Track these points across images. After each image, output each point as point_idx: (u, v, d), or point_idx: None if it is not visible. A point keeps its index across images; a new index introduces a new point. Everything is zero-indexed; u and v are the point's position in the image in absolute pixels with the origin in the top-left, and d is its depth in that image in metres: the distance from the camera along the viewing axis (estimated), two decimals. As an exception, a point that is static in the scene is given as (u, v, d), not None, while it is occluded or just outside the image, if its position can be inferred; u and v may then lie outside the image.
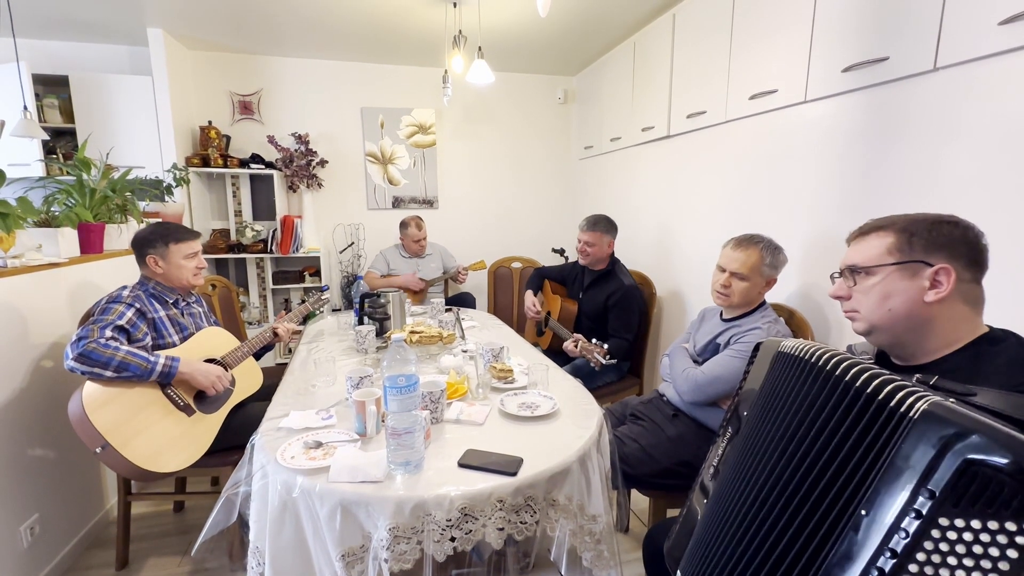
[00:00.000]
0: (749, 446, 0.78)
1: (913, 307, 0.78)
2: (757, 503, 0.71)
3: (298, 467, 1.05)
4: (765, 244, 1.53)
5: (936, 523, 0.48)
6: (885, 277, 0.81)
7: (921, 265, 0.78)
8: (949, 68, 1.29)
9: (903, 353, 0.84)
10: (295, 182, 3.35)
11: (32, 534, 1.58)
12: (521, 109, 3.82)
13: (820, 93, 1.66)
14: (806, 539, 0.62)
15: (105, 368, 1.39)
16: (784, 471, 0.68)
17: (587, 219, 2.32)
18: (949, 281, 0.75)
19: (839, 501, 0.59)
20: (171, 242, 1.65)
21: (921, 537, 0.48)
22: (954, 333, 0.78)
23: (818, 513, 0.61)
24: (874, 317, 0.83)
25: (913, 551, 0.48)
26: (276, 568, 1.03)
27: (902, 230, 0.81)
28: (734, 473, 0.79)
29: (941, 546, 0.47)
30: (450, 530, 0.98)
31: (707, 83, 2.21)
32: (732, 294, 1.55)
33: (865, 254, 0.84)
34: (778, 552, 0.65)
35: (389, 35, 2.97)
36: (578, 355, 1.91)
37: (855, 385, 0.62)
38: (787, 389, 0.74)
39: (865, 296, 0.83)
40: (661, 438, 1.55)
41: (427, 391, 1.26)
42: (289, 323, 1.93)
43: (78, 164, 2.00)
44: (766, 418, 0.76)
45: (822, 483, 0.62)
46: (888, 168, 1.47)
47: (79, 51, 3.04)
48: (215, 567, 1.73)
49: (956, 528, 0.47)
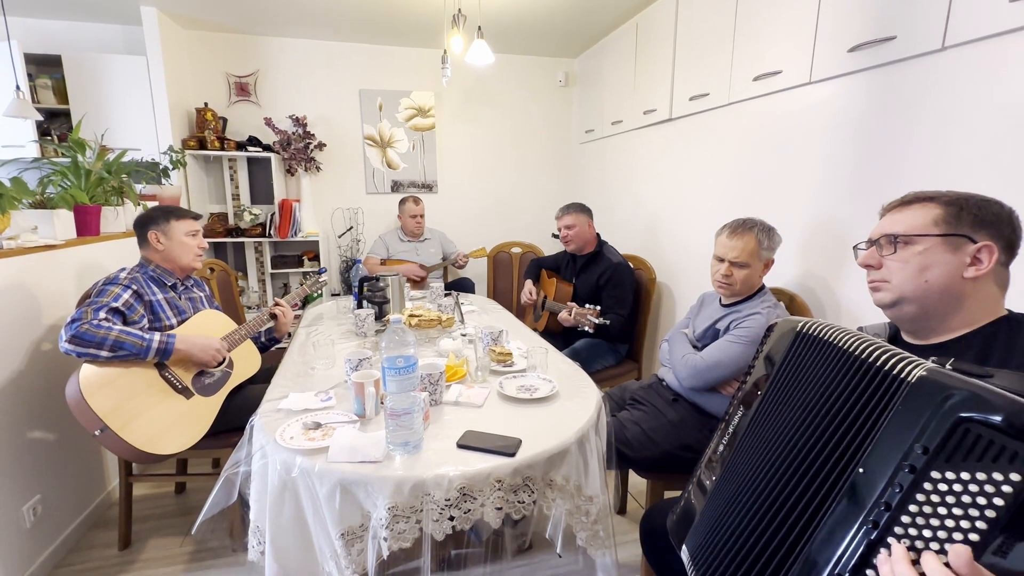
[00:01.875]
0: (766, 422, 0.78)
1: (951, 281, 0.78)
2: (773, 478, 0.71)
3: (297, 447, 1.05)
4: (760, 228, 1.53)
5: (928, 476, 0.50)
6: (928, 248, 0.80)
7: (966, 240, 0.77)
8: (958, 47, 1.26)
9: (923, 328, 0.84)
10: (293, 165, 3.32)
11: (35, 514, 1.59)
12: (521, 92, 3.77)
13: (825, 74, 1.63)
14: (814, 503, 0.63)
15: (100, 348, 1.38)
16: (798, 443, 0.69)
17: (560, 207, 2.45)
18: (991, 260, 0.76)
19: (842, 464, 0.61)
20: (173, 218, 1.66)
21: (913, 490, 0.51)
22: (980, 312, 0.79)
23: (824, 477, 0.63)
24: (908, 287, 0.82)
25: (906, 503, 0.51)
26: (276, 547, 1.04)
27: (951, 203, 0.80)
28: (750, 449, 0.79)
29: (932, 497, 0.50)
30: (449, 509, 0.99)
31: (710, 64, 2.17)
32: (734, 283, 1.53)
33: (908, 223, 0.83)
34: (789, 522, 0.66)
35: (388, 14, 2.91)
36: (573, 323, 1.94)
37: (867, 360, 0.64)
38: (805, 367, 0.74)
39: (903, 265, 0.82)
40: (662, 422, 1.55)
41: (426, 373, 1.26)
42: (286, 305, 1.91)
43: (73, 145, 1.97)
44: (784, 395, 0.76)
45: (828, 449, 0.64)
46: (894, 150, 1.45)
47: (72, 30, 2.98)
48: (216, 546, 1.75)
49: (947, 480, 0.49)
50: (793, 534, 0.64)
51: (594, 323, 1.77)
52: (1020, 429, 0.46)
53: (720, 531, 0.77)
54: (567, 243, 2.43)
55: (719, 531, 0.77)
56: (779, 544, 0.66)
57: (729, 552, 0.73)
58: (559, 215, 2.43)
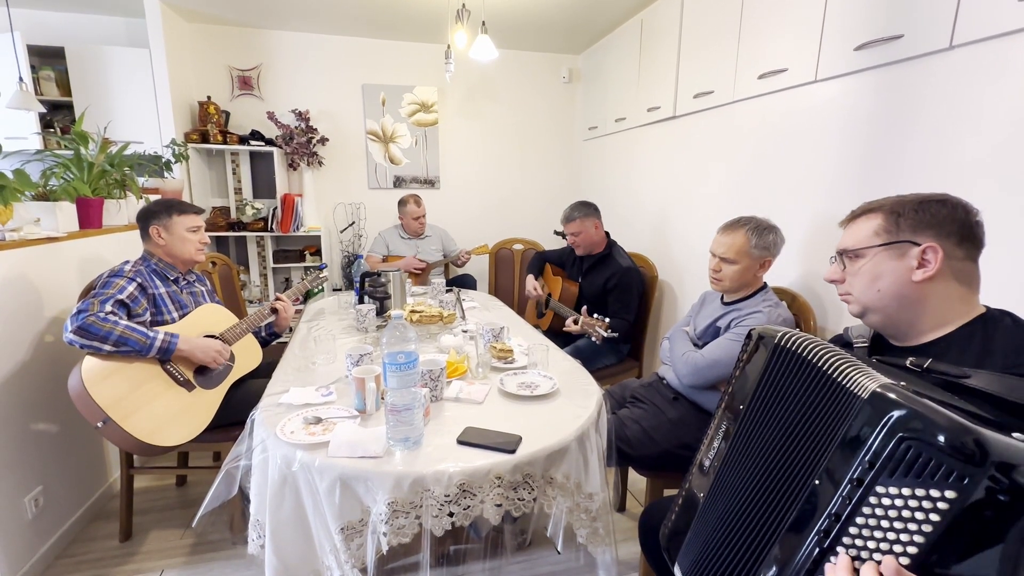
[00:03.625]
0: (748, 438, 0.78)
1: (902, 287, 0.80)
2: (755, 495, 0.71)
3: (298, 442, 1.06)
4: (751, 226, 1.52)
5: (874, 490, 0.53)
6: (873, 258, 0.83)
7: (908, 245, 0.79)
8: (966, 46, 1.25)
9: (897, 333, 0.85)
10: (295, 160, 3.31)
11: (37, 505, 1.60)
12: (525, 88, 3.75)
13: (831, 72, 1.62)
14: (790, 516, 0.64)
15: (104, 342, 1.39)
16: (776, 458, 0.69)
17: (563, 213, 2.36)
18: (936, 259, 0.77)
19: (808, 476, 0.63)
20: (175, 213, 1.65)
21: (860, 502, 0.53)
22: (948, 312, 0.79)
23: (795, 489, 0.65)
24: (865, 298, 0.85)
25: (854, 515, 0.54)
26: (276, 541, 1.04)
27: (889, 211, 0.82)
28: (734, 465, 0.79)
29: (877, 511, 0.52)
30: (448, 505, 0.99)
31: (715, 62, 2.16)
32: (723, 278, 1.55)
33: (855, 237, 0.87)
34: (767, 534, 0.67)
35: (391, 9, 2.90)
36: (579, 331, 1.92)
37: (830, 374, 0.65)
38: (781, 382, 0.74)
39: (856, 278, 0.86)
40: (662, 420, 1.55)
41: (427, 369, 1.26)
42: (287, 299, 1.91)
43: (75, 138, 1.97)
44: (763, 411, 0.76)
45: (800, 462, 0.66)
46: (900, 150, 1.44)
47: (75, 22, 2.98)
48: (217, 539, 1.76)
49: (890, 495, 0.51)
50: (768, 546, 0.66)
51: (602, 336, 1.75)
52: (958, 448, 0.47)
53: (710, 550, 0.78)
54: (575, 247, 2.38)
55: (709, 550, 0.78)
56: (758, 558, 0.67)
57: (718, 571, 0.74)
58: (563, 222, 2.36)
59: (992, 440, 0.47)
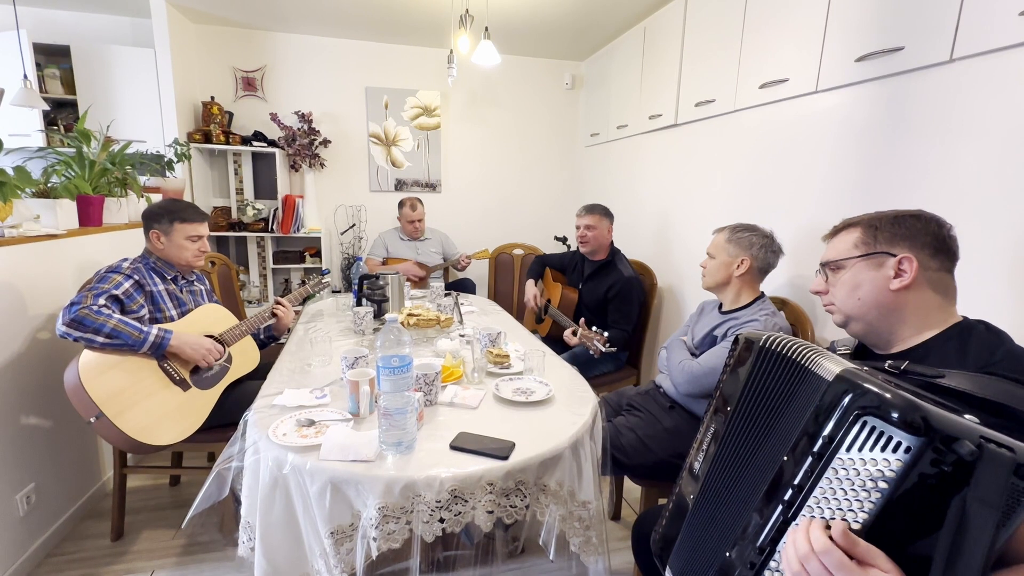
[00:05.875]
0: (733, 444, 0.78)
1: (880, 295, 0.85)
2: (738, 492, 0.73)
3: (289, 444, 1.05)
4: (733, 227, 1.61)
5: (831, 463, 0.57)
6: (853, 268, 0.89)
7: (885, 256, 0.85)
8: (966, 59, 1.25)
9: (878, 341, 0.89)
10: (297, 161, 3.32)
11: (28, 503, 1.59)
12: (527, 94, 3.76)
13: (832, 83, 1.62)
14: (757, 497, 0.68)
15: (96, 334, 1.38)
16: (759, 458, 0.71)
17: (584, 205, 2.36)
18: (912, 269, 0.82)
19: (779, 460, 0.67)
20: (176, 220, 1.64)
21: (820, 475, 0.58)
22: (926, 320, 0.84)
23: (768, 474, 0.68)
24: (846, 307, 0.90)
25: (814, 485, 0.59)
26: (266, 544, 1.04)
27: (868, 225, 0.89)
28: (719, 471, 0.80)
29: (834, 482, 0.57)
30: (439, 511, 0.98)
31: (717, 71, 2.17)
32: (705, 273, 1.65)
33: (836, 249, 0.93)
34: (745, 520, 0.69)
35: (396, 13, 2.91)
36: (577, 343, 1.90)
37: (801, 363, 0.69)
38: (765, 380, 0.76)
39: (838, 288, 0.91)
40: (658, 429, 1.54)
41: (422, 373, 1.26)
42: (288, 304, 1.91)
43: (78, 136, 1.98)
44: (749, 415, 0.77)
45: (777, 452, 0.69)
46: (900, 161, 1.44)
47: (81, 20, 3.00)
48: (208, 541, 1.75)
49: (846, 466, 0.56)
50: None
51: (600, 350, 1.75)
52: (908, 423, 0.52)
53: (699, 549, 0.79)
54: (583, 243, 2.34)
55: (698, 549, 0.79)
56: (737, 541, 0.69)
57: (707, 567, 0.75)
58: (581, 212, 2.32)
59: (938, 415, 0.51)
